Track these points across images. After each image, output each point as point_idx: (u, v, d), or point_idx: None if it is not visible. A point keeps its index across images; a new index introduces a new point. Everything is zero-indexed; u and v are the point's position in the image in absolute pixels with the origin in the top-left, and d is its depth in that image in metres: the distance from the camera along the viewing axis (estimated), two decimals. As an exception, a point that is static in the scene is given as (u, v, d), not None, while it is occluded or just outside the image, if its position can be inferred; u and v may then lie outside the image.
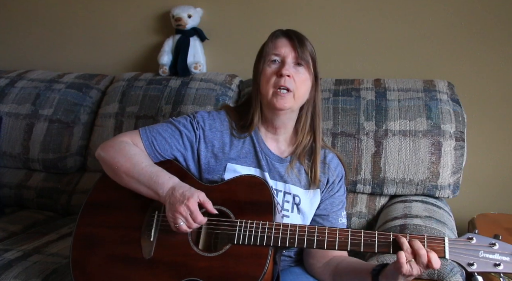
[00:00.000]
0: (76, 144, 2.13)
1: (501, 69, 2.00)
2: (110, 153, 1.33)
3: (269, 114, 1.39)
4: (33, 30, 2.57)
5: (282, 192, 1.38)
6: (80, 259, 1.30)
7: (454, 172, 1.74)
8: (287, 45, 1.35)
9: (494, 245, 1.09)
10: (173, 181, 1.26)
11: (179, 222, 1.20)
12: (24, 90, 2.22)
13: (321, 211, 1.42)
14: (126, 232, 1.30)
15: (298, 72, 1.34)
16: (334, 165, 1.45)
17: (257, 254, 1.20)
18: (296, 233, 1.20)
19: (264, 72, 1.35)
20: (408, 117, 1.77)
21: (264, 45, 1.39)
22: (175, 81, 2.12)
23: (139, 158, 1.31)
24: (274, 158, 1.40)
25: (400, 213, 1.64)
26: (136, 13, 2.39)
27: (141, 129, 1.39)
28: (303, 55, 1.34)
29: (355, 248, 1.17)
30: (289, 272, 1.39)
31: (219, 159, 1.38)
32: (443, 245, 1.12)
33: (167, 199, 1.23)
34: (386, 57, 2.11)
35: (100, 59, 2.48)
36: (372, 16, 2.11)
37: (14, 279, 1.47)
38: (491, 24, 1.99)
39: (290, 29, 1.41)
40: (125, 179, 1.30)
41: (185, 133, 1.38)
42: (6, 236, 1.83)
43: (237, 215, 1.25)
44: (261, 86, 1.35)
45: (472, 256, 1.09)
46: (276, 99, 1.32)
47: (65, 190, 2.11)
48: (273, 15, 2.21)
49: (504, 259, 1.08)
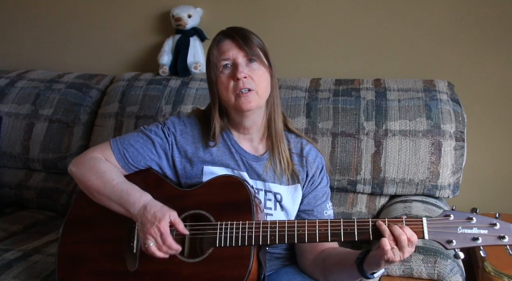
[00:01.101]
0: (76, 144, 2.13)
1: (501, 69, 2.00)
2: (81, 170, 1.32)
3: (237, 117, 1.37)
4: (33, 30, 2.57)
5: (263, 191, 1.37)
6: (67, 278, 1.29)
7: (454, 172, 1.74)
8: (232, 46, 1.32)
9: (471, 220, 1.09)
10: (144, 199, 1.25)
11: (148, 243, 1.19)
12: (24, 90, 2.22)
13: (305, 206, 1.41)
14: (109, 246, 1.29)
15: (253, 69, 1.31)
16: (312, 157, 1.43)
17: (240, 255, 1.19)
18: (276, 229, 1.19)
19: (219, 80, 1.32)
20: (408, 117, 1.77)
21: (209, 53, 1.35)
22: (175, 81, 2.12)
23: (110, 176, 1.29)
24: (250, 158, 1.39)
25: (400, 213, 1.64)
26: (136, 13, 2.39)
27: (112, 141, 1.37)
28: (251, 51, 1.31)
29: (336, 238, 1.16)
30: (284, 272, 1.38)
31: (194, 163, 1.37)
32: (421, 225, 1.11)
33: (138, 218, 1.22)
34: (386, 57, 2.11)
35: (100, 59, 2.48)
36: (372, 16, 2.11)
37: (14, 279, 1.47)
38: (491, 24, 1.99)
39: (230, 29, 1.37)
40: (97, 197, 1.30)
41: (157, 141, 1.37)
42: (6, 236, 1.83)
43: (217, 218, 1.24)
44: (221, 94, 1.33)
45: (451, 233, 1.09)
46: (241, 101, 1.29)
47: (65, 190, 2.11)
48: (273, 15, 2.21)
49: (482, 232, 1.08)
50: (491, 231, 1.08)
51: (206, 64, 1.38)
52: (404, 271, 1.36)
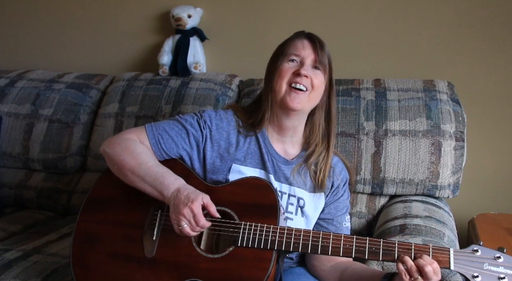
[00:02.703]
0: (76, 144, 2.12)
1: (501, 69, 2.00)
2: (116, 150, 1.31)
3: (279, 114, 1.38)
4: (33, 30, 2.57)
5: (286, 195, 1.38)
6: (81, 256, 1.29)
7: (454, 172, 1.74)
8: (308, 47, 1.35)
9: (499, 258, 1.09)
10: (178, 182, 1.25)
11: (182, 224, 1.19)
12: (24, 90, 2.22)
13: (325, 215, 1.42)
14: (128, 230, 1.29)
15: (315, 73, 1.34)
16: (339, 169, 1.45)
17: (260, 258, 1.19)
18: (300, 238, 1.19)
19: (281, 68, 1.34)
20: (408, 117, 1.77)
21: (284, 44, 1.38)
22: (175, 81, 2.12)
23: (145, 157, 1.30)
24: (280, 160, 1.39)
25: (400, 213, 1.64)
26: (136, 13, 2.39)
27: (147, 126, 1.37)
28: (322, 58, 1.34)
29: (360, 255, 1.16)
30: (289, 272, 1.39)
31: (225, 160, 1.37)
32: (448, 255, 1.11)
33: (171, 200, 1.22)
34: (386, 57, 2.11)
35: (100, 59, 2.48)
36: (372, 16, 2.11)
37: (14, 279, 1.46)
38: (491, 24, 1.99)
39: (311, 33, 1.40)
40: (130, 177, 1.29)
41: (192, 132, 1.37)
42: (6, 236, 1.83)
43: (241, 217, 1.24)
44: (275, 83, 1.34)
45: (477, 268, 1.09)
46: (290, 98, 1.31)
47: (65, 190, 2.11)
48: (273, 15, 2.21)
49: (509, 273, 1.08)
50: None
51: (274, 53, 1.40)
52: (404, 271, 1.36)
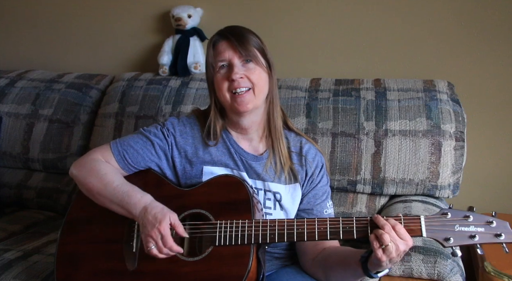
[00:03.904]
0: (76, 144, 2.13)
1: (501, 69, 2.00)
2: (82, 173, 1.33)
3: (235, 118, 1.38)
4: (33, 30, 2.57)
5: (262, 190, 1.38)
6: (66, 278, 1.30)
7: (454, 172, 1.74)
8: (228, 47, 1.32)
9: (468, 218, 1.10)
10: (144, 200, 1.25)
11: (150, 246, 1.20)
12: (24, 90, 2.22)
13: (304, 206, 1.41)
14: (108, 246, 1.30)
15: (249, 69, 1.31)
16: (311, 156, 1.43)
17: (239, 254, 1.20)
18: (275, 228, 1.19)
19: (216, 80, 1.33)
20: (408, 117, 1.77)
21: (207, 54, 1.36)
22: (175, 81, 2.12)
23: (111, 177, 1.30)
24: (249, 158, 1.39)
25: (400, 213, 1.64)
26: (136, 13, 2.39)
27: (112, 143, 1.38)
28: (247, 52, 1.31)
29: (335, 236, 1.16)
30: (284, 272, 1.38)
31: (194, 164, 1.37)
32: (419, 223, 1.12)
33: (140, 219, 1.23)
34: (386, 57, 2.11)
35: (100, 59, 2.48)
36: (372, 16, 2.11)
37: (14, 279, 1.47)
38: (491, 24, 1.99)
39: (227, 29, 1.37)
40: (98, 199, 1.30)
41: (157, 142, 1.38)
42: (6, 236, 1.83)
43: (217, 217, 1.24)
44: (218, 95, 1.34)
45: (448, 231, 1.10)
46: (237, 102, 1.31)
47: (65, 190, 2.11)
48: (272, 15, 2.21)
49: (479, 230, 1.09)
50: (487, 229, 1.09)
51: (205, 63, 1.39)
52: (404, 271, 1.36)
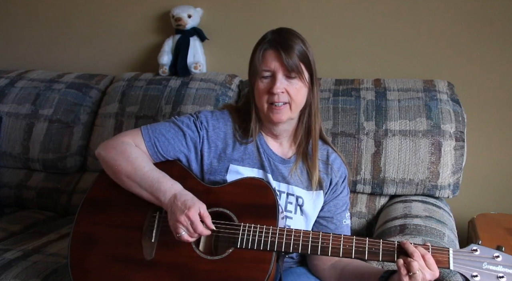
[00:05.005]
0: (76, 144, 2.12)
1: (501, 69, 2.00)
2: (111, 154, 1.30)
3: (268, 125, 1.39)
4: (33, 30, 2.57)
5: (285, 194, 1.37)
6: (79, 258, 1.29)
7: (454, 172, 1.74)
8: (275, 58, 1.30)
9: (497, 257, 1.10)
10: (175, 188, 1.25)
11: (180, 232, 1.19)
12: (24, 90, 2.22)
13: (325, 213, 1.41)
14: (126, 232, 1.29)
15: (291, 84, 1.31)
16: (337, 165, 1.44)
17: (260, 259, 1.19)
18: (300, 238, 1.19)
19: (257, 87, 1.33)
20: (408, 117, 1.77)
21: (254, 58, 1.34)
22: (175, 81, 2.12)
23: (141, 162, 1.29)
24: (277, 160, 1.39)
25: (400, 213, 1.64)
26: (136, 13, 2.39)
27: (143, 128, 1.37)
28: (293, 66, 1.29)
29: (360, 256, 1.16)
30: (290, 272, 1.38)
31: (222, 160, 1.37)
32: (447, 255, 1.12)
33: (168, 207, 1.22)
34: (386, 57, 2.11)
35: (100, 59, 2.48)
36: (372, 16, 2.11)
37: (14, 279, 1.46)
38: (491, 24, 1.99)
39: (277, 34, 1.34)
40: (126, 182, 1.29)
41: (189, 134, 1.37)
42: (6, 236, 1.83)
43: (240, 218, 1.23)
44: (257, 100, 1.35)
45: (476, 268, 1.09)
46: (273, 114, 1.31)
47: (65, 190, 2.11)
48: (273, 15, 2.21)
49: (508, 271, 1.08)
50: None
51: (249, 64, 1.37)
52: (404, 271, 1.36)
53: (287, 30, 1.37)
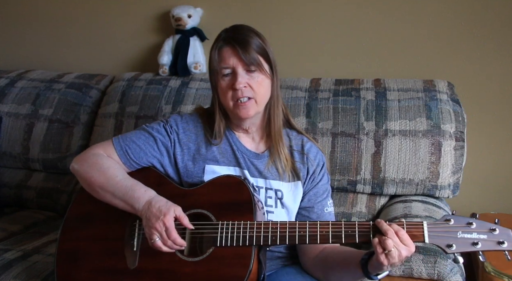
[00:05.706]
0: (76, 144, 2.13)
1: (502, 69, 2.00)
2: (84, 167, 1.32)
3: (236, 121, 1.39)
4: (33, 30, 2.57)
5: (263, 188, 1.38)
6: (66, 276, 1.29)
7: (454, 172, 1.74)
8: (232, 54, 1.31)
9: (471, 224, 1.10)
10: (149, 194, 1.25)
11: (154, 238, 1.19)
12: (24, 90, 2.22)
13: (305, 204, 1.41)
14: (109, 243, 1.29)
15: (252, 77, 1.31)
16: (313, 154, 1.43)
17: (240, 255, 1.20)
18: (277, 230, 1.20)
19: (220, 86, 1.34)
20: (408, 117, 1.77)
21: (211, 58, 1.35)
22: (175, 81, 2.12)
23: (113, 171, 1.29)
24: (251, 155, 1.40)
25: (400, 213, 1.64)
26: (136, 13, 2.39)
27: (114, 138, 1.38)
28: (251, 59, 1.30)
29: (337, 240, 1.16)
30: (285, 272, 1.38)
31: (197, 161, 1.37)
32: (422, 229, 1.12)
33: (143, 213, 1.22)
34: (386, 57, 2.11)
35: (100, 59, 2.48)
36: (372, 16, 2.11)
37: (14, 279, 1.47)
38: (491, 24, 1.99)
39: (231, 32, 1.35)
40: (101, 194, 1.29)
41: (159, 139, 1.37)
42: (6, 236, 1.83)
43: (218, 217, 1.24)
44: (222, 100, 1.35)
45: (451, 238, 1.10)
46: (239, 110, 1.32)
47: (65, 190, 2.11)
48: (273, 15, 2.21)
49: (482, 237, 1.09)
50: (490, 236, 1.09)
51: (208, 65, 1.38)
52: (404, 271, 1.36)
53: (241, 26, 1.38)
